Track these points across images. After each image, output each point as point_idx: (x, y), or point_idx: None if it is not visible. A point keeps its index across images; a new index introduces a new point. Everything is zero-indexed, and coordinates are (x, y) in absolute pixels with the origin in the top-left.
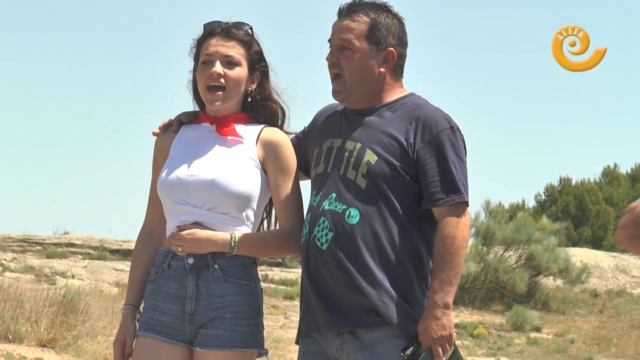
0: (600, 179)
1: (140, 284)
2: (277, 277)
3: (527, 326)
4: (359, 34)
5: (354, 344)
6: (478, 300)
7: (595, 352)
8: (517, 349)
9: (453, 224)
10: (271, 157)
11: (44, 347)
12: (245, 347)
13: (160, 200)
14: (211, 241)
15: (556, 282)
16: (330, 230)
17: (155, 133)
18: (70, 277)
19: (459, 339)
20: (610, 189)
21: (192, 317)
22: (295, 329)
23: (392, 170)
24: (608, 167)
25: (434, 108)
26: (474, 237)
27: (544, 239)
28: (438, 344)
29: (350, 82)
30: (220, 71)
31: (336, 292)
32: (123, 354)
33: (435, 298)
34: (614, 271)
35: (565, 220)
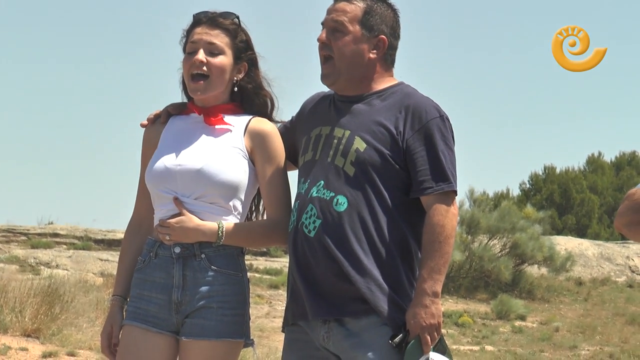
0: (585, 167)
1: (128, 275)
2: (262, 267)
3: (511, 315)
4: (353, 18)
5: (341, 332)
6: (463, 288)
7: (580, 340)
8: (502, 338)
9: (442, 212)
10: (259, 148)
11: (28, 337)
12: (231, 337)
13: (149, 191)
14: (199, 230)
15: (541, 270)
16: (318, 218)
17: (143, 125)
18: (54, 267)
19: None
20: (595, 177)
21: (178, 306)
22: (281, 318)
23: (381, 158)
24: (592, 156)
25: (424, 97)
26: (458, 225)
27: (528, 227)
28: (426, 332)
29: (340, 65)
30: (202, 59)
31: (323, 280)
32: (110, 344)
33: (424, 286)
34: (599, 259)
35: (550, 209)
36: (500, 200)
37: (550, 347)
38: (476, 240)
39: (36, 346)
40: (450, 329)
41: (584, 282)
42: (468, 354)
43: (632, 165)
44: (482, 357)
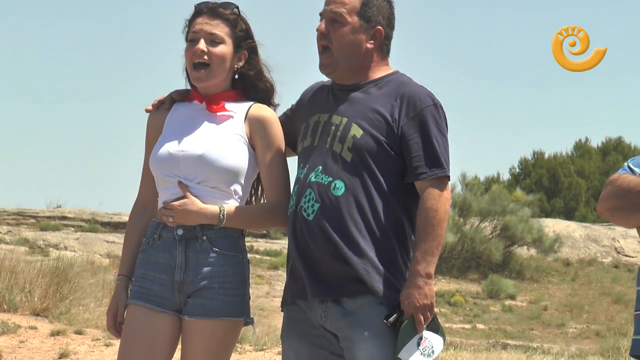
0: (572, 152)
1: (133, 256)
2: (262, 248)
3: (502, 294)
4: (352, 9)
5: (338, 311)
6: (455, 269)
7: (568, 319)
8: (493, 316)
9: (435, 196)
10: (259, 134)
11: (37, 316)
12: (232, 317)
13: (153, 175)
14: (201, 213)
15: (530, 251)
16: (316, 202)
17: (148, 110)
18: (63, 248)
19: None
20: (582, 162)
21: (181, 286)
22: (280, 297)
23: (377, 144)
24: (580, 141)
25: (418, 86)
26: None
27: (518, 210)
28: (420, 312)
29: (338, 55)
30: (203, 48)
31: (321, 261)
32: (115, 322)
33: (418, 268)
34: (586, 241)
35: (539, 192)
36: (491, 184)
37: (539, 325)
38: (468, 222)
39: (45, 325)
40: (443, 307)
41: (571, 262)
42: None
43: (617, 150)
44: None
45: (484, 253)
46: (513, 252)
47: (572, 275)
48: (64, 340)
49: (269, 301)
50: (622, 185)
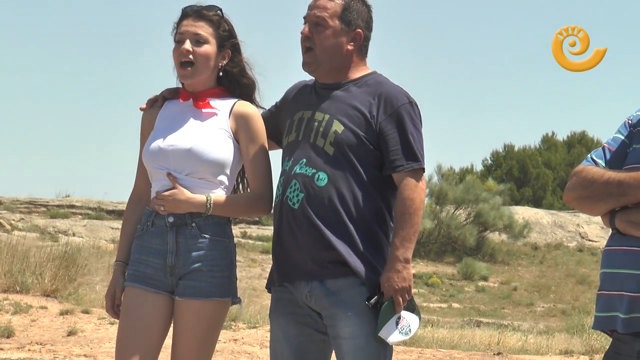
0: (540, 145)
1: (130, 242)
2: (255, 234)
3: (475, 276)
4: (333, 13)
5: (322, 291)
6: (432, 253)
7: (536, 298)
8: (467, 296)
9: (412, 187)
10: (242, 128)
11: (47, 296)
12: (220, 297)
13: (146, 168)
14: (189, 202)
15: (501, 236)
16: (301, 192)
17: (142, 108)
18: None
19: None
20: (549, 154)
21: (172, 269)
22: None
23: (357, 139)
24: (547, 135)
25: (394, 85)
26: (428, 197)
27: (490, 198)
28: (399, 294)
29: (321, 56)
30: (188, 48)
31: (307, 246)
32: (113, 304)
33: (397, 253)
34: (552, 227)
35: (509, 182)
36: (465, 175)
37: (510, 304)
38: (444, 210)
39: (54, 305)
40: (421, 288)
41: (539, 247)
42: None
43: (582, 143)
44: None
45: (459, 238)
46: (486, 237)
47: (540, 258)
48: (72, 319)
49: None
50: (587, 176)
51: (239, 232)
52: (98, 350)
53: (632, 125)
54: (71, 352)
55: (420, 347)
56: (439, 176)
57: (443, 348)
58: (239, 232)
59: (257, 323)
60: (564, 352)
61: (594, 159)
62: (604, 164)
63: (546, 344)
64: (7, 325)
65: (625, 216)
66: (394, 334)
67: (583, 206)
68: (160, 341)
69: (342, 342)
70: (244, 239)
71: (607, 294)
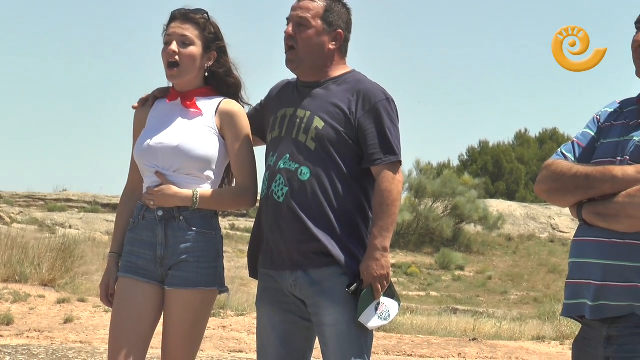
0: (513, 141)
1: (123, 235)
2: (243, 226)
3: (452, 265)
4: (316, 14)
5: (306, 280)
6: (411, 244)
7: (510, 287)
8: (444, 285)
9: (389, 179)
10: (228, 125)
11: (45, 286)
12: (207, 286)
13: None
14: (176, 197)
15: (476, 228)
16: (285, 186)
17: (134, 107)
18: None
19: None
20: (522, 150)
21: (162, 260)
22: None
23: (337, 134)
24: (520, 132)
25: (372, 82)
26: (407, 191)
27: (466, 192)
28: (377, 281)
29: (303, 54)
30: (175, 49)
31: (291, 238)
32: (107, 294)
33: (375, 242)
34: (525, 219)
35: (484, 177)
36: (443, 170)
37: (485, 293)
38: (422, 203)
39: (52, 294)
40: (400, 277)
41: (512, 238)
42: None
43: (553, 139)
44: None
45: (436, 230)
46: (462, 228)
47: (514, 248)
48: (69, 307)
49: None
50: (556, 170)
51: (227, 224)
52: (93, 336)
53: (600, 122)
54: (68, 338)
55: (400, 333)
56: (418, 171)
57: (421, 334)
58: (228, 225)
59: (244, 311)
60: (536, 337)
61: (564, 153)
62: (573, 158)
63: (519, 330)
64: (6, 313)
65: (591, 208)
66: (373, 319)
67: (552, 198)
68: (151, 328)
69: (325, 329)
70: (232, 230)
71: (575, 283)
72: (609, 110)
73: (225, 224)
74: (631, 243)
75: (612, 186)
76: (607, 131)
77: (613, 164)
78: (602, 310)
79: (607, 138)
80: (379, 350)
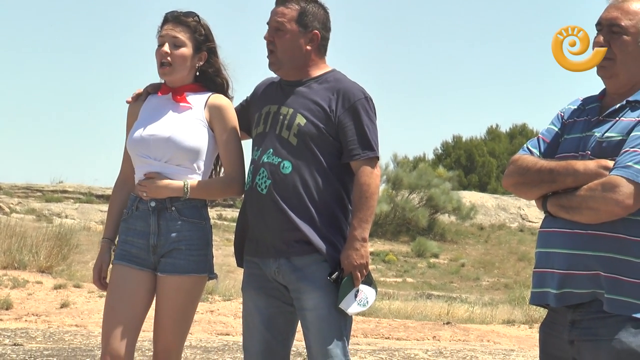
0: (485, 136)
1: (115, 222)
2: (229, 216)
3: (427, 253)
4: (291, 18)
5: (289, 267)
6: (389, 233)
7: (482, 274)
8: (420, 272)
9: (368, 173)
10: (216, 118)
11: (43, 272)
12: (197, 273)
13: (130, 155)
14: (168, 187)
15: (450, 218)
16: (268, 179)
17: (128, 101)
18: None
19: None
20: (493, 144)
21: (155, 248)
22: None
23: (318, 131)
24: (491, 127)
25: (352, 82)
26: (385, 183)
27: (440, 184)
28: (357, 270)
29: (282, 57)
30: (167, 50)
31: (275, 228)
32: (100, 277)
33: (355, 233)
34: (496, 209)
35: (457, 169)
36: (418, 163)
37: (458, 279)
38: (399, 194)
39: (49, 280)
40: (378, 265)
41: (484, 227)
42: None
43: (522, 134)
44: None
45: (412, 220)
46: (436, 218)
47: (485, 237)
48: (65, 292)
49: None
50: (522, 164)
51: (215, 214)
52: (88, 320)
53: (564, 118)
54: (64, 322)
55: (378, 317)
56: (395, 164)
57: (398, 318)
58: (215, 215)
59: (231, 296)
60: (506, 321)
61: (530, 149)
62: (538, 153)
63: (490, 314)
64: (6, 299)
65: (556, 200)
66: (353, 305)
67: (519, 191)
68: (143, 312)
69: (306, 313)
70: (219, 220)
71: (541, 272)
72: (572, 107)
73: (213, 214)
74: (593, 233)
75: (574, 180)
76: (570, 127)
77: (575, 158)
78: (567, 298)
79: (570, 134)
80: (357, 334)
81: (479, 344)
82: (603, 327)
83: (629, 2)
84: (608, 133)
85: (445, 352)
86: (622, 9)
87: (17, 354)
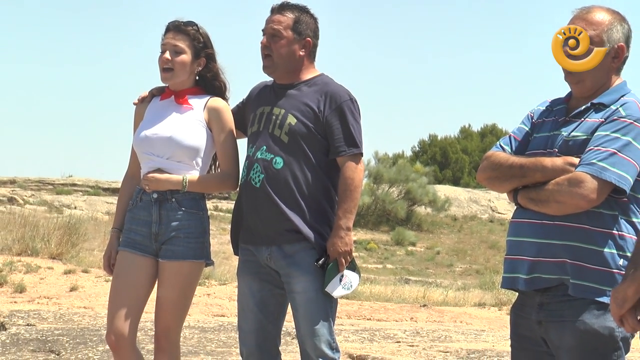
0: (458, 135)
1: (123, 213)
2: (225, 207)
3: (405, 242)
4: (287, 26)
5: (280, 254)
6: (370, 223)
7: (455, 261)
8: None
9: (352, 168)
10: (215, 120)
11: (54, 259)
12: (195, 259)
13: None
14: (168, 181)
15: (427, 210)
16: (261, 173)
17: (135, 103)
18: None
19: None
20: (466, 142)
21: (156, 236)
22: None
23: (307, 130)
24: (464, 126)
25: (338, 85)
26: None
27: (418, 178)
28: (342, 256)
29: (277, 61)
30: (168, 57)
31: (267, 218)
32: (109, 264)
33: (340, 223)
34: (469, 202)
35: (433, 165)
36: (398, 159)
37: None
38: (380, 188)
39: (59, 266)
40: (361, 252)
41: (457, 218)
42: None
43: (493, 133)
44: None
45: (392, 211)
46: (414, 210)
47: (458, 227)
48: (74, 277)
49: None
50: (495, 160)
51: (212, 205)
52: (95, 302)
53: (533, 118)
54: (73, 304)
55: (360, 300)
56: (376, 160)
57: (379, 301)
58: (212, 206)
59: (226, 280)
60: (477, 304)
61: (502, 146)
62: (510, 150)
63: (463, 297)
64: (20, 283)
65: (525, 194)
66: (338, 289)
67: (492, 185)
68: (146, 295)
69: (295, 296)
70: (216, 211)
71: (512, 259)
72: (541, 108)
73: (210, 205)
74: (559, 224)
75: (542, 175)
76: (539, 127)
77: (544, 155)
78: (535, 282)
79: (539, 133)
80: (342, 315)
81: (453, 325)
82: (568, 310)
83: (592, 13)
84: (574, 132)
85: (422, 332)
86: (586, 20)
87: (30, 334)
